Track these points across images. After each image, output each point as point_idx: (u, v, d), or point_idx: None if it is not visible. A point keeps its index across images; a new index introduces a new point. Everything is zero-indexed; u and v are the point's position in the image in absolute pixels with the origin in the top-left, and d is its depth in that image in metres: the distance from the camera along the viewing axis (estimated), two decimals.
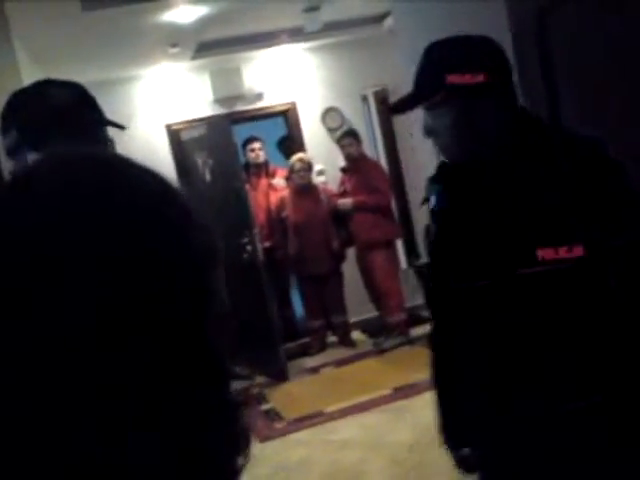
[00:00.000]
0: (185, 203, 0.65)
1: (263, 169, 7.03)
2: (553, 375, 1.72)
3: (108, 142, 1.96)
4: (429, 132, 1.82)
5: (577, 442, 1.72)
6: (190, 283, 0.61)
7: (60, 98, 1.78)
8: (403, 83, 2.14)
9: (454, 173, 1.86)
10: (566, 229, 1.65)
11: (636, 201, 1.70)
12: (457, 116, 1.75)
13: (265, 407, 5.74)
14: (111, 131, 1.96)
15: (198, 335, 0.61)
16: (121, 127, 1.96)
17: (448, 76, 1.70)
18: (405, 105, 1.88)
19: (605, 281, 1.67)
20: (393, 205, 6.76)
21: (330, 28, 6.26)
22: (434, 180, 1.89)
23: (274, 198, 6.84)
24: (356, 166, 6.60)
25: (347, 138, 6.67)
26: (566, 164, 1.70)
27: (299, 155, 6.73)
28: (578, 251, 1.63)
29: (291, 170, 6.64)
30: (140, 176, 0.64)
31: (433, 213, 1.88)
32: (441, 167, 1.92)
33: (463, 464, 1.99)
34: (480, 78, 1.70)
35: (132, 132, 6.92)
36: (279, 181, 7.01)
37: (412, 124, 3.10)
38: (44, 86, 1.82)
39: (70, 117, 1.76)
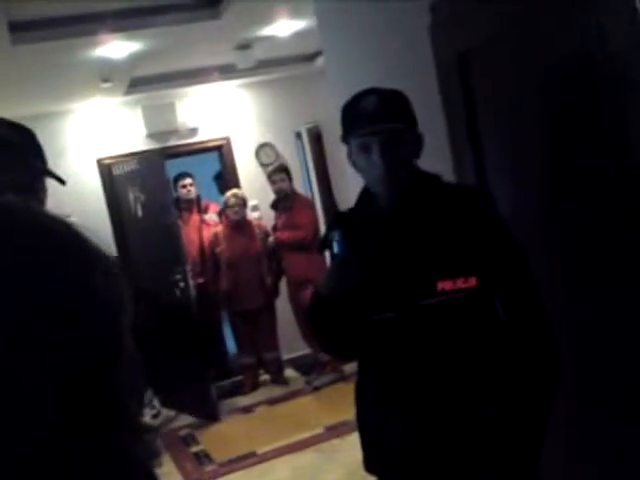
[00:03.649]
0: (92, 249, 0.63)
1: (194, 205, 6.98)
2: (452, 391, 1.97)
3: (43, 191, 1.88)
4: None
5: (473, 450, 1.99)
6: (93, 331, 0.59)
7: (6, 137, 1.74)
8: (335, 120, 2.17)
9: (355, 220, 2.08)
10: (461, 263, 1.93)
11: (510, 239, 1.99)
12: None
13: (195, 449, 5.62)
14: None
15: (102, 385, 0.59)
16: (61, 181, 1.90)
17: None
18: None
19: (492, 307, 1.96)
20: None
21: (263, 66, 6.30)
22: (334, 226, 2.05)
23: (207, 234, 6.78)
24: (285, 202, 6.63)
25: (278, 174, 6.70)
26: (455, 210, 1.99)
27: (233, 191, 6.70)
28: (472, 282, 1.92)
29: (225, 205, 6.60)
30: (45, 223, 0.62)
31: (335, 257, 2.03)
32: (340, 214, 2.19)
33: (366, 465, 2.20)
34: None
35: (63, 167, 6.79)
36: (212, 216, 6.96)
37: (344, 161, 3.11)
38: None
39: (12, 157, 1.71)
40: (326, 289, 2.03)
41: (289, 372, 6.93)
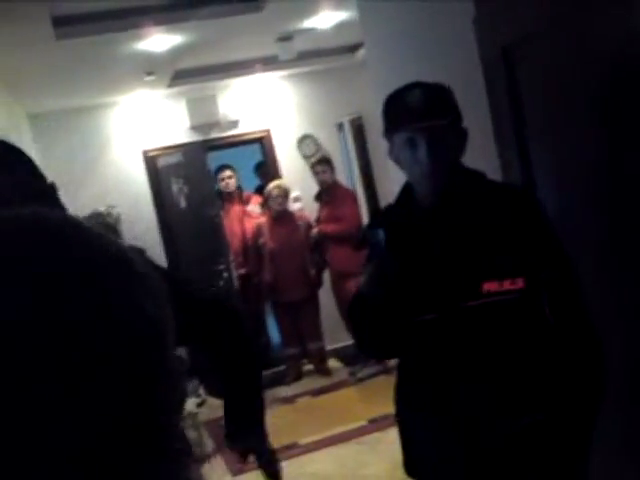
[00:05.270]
0: (139, 267, 0.61)
1: (235, 196, 6.99)
2: (497, 396, 1.92)
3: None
4: None
5: (519, 456, 1.92)
6: (139, 354, 0.57)
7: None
8: (377, 112, 2.13)
9: (397, 217, 2.05)
10: (507, 264, 1.87)
11: (556, 239, 1.93)
12: None
13: None
14: (82, 161, 1.82)
15: (147, 415, 0.58)
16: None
17: None
18: None
19: (541, 309, 1.90)
20: None
21: (304, 57, 6.27)
22: (375, 225, 2.03)
23: (249, 225, 6.80)
24: (328, 194, 6.64)
25: (321, 165, 6.71)
26: (500, 209, 1.94)
27: (276, 182, 6.72)
28: (519, 283, 1.86)
29: (268, 196, 6.61)
30: (88, 238, 0.60)
31: (375, 256, 1.99)
32: (380, 212, 2.15)
33: (406, 468, 2.16)
34: None
35: (107, 158, 6.90)
36: (254, 208, 6.98)
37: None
38: None
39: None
40: (368, 289, 1.98)
41: (333, 362, 6.93)
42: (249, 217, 6.90)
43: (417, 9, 3.13)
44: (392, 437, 4.68)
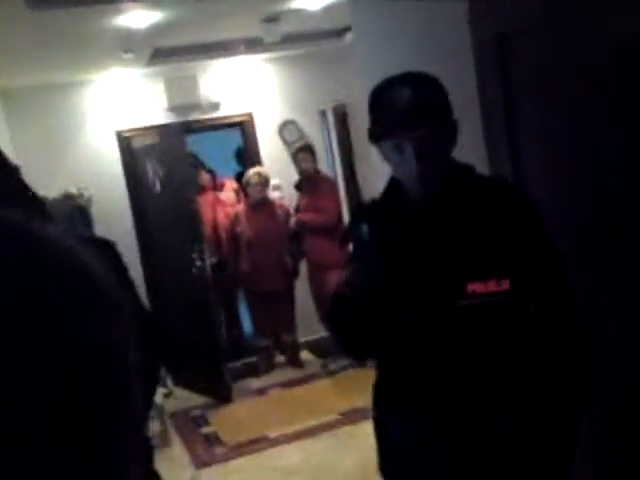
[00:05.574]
0: (102, 287, 0.55)
1: (206, 184, 6.83)
2: (478, 399, 1.86)
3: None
4: None
5: (504, 459, 1.86)
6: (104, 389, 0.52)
7: None
8: (362, 99, 2.04)
9: (382, 213, 1.97)
10: (494, 264, 1.81)
11: (545, 237, 1.86)
12: None
13: (206, 430, 5.54)
14: (55, 140, 1.71)
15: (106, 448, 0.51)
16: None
17: None
18: None
19: (526, 312, 1.85)
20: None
21: (289, 40, 6.12)
22: (359, 220, 1.95)
23: (222, 213, 6.66)
24: (309, 183, 6.51)
25: (303, 153, 6.60)
26: (489, 205, 1.87)
27: (256, 169, 6.58)
28: (505, 285, 1.79)
29: (247, 184, 6.47)
30: (46, 249, 0.53)
31: (359, 254, 1.94)
32: (365, 206, 2.05)
33: (382, 470, 2.09)
34: None
35: (81, 138, 6.72)
36: (228, 195, 6.83)
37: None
38: None
39: None
40: (350, 289, 1.91)
41: (305, 355, 6.84)
42: (222, 205, 6.75)
43: None
44: (364, 431, 4.60)
